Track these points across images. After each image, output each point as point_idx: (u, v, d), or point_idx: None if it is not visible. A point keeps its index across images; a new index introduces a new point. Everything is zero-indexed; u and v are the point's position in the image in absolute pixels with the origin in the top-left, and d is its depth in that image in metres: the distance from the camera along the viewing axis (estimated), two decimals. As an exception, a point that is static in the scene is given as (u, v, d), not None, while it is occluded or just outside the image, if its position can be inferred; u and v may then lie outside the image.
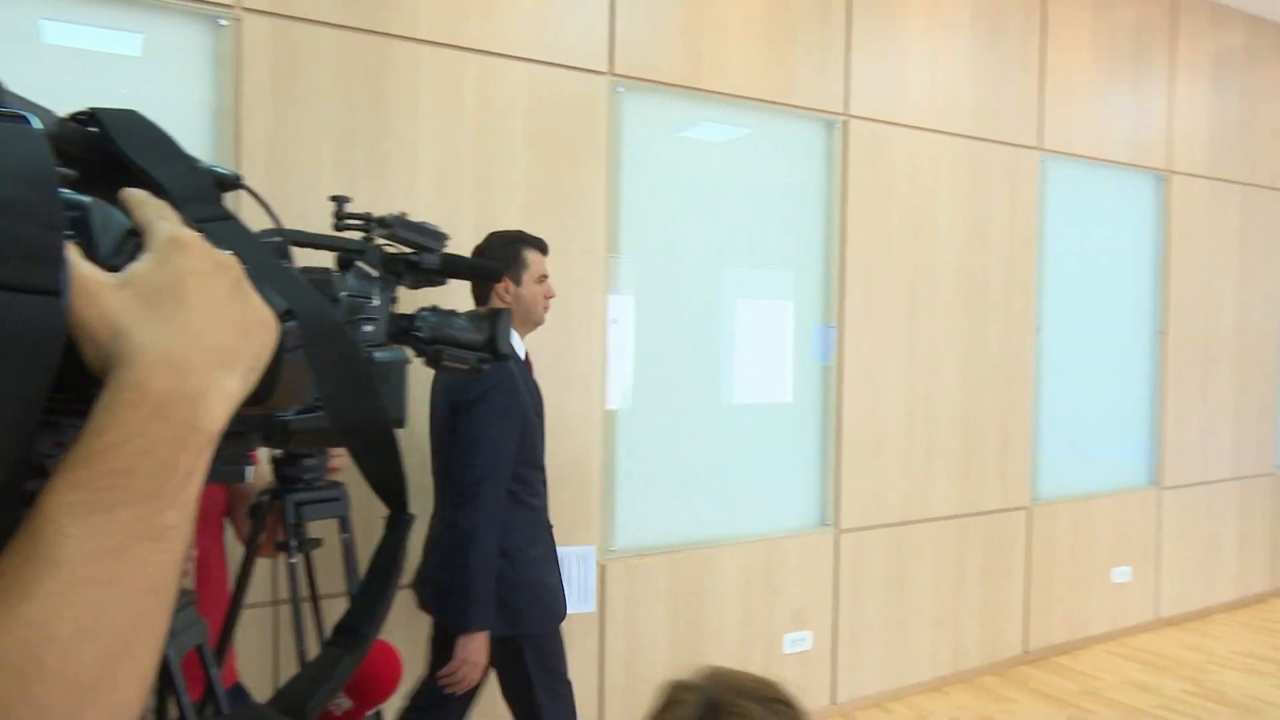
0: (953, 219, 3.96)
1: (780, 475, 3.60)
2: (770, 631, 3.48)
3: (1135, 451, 4.78)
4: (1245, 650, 4.50)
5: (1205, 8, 4.90)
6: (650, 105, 3.24)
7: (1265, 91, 5.24)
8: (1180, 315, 4.86)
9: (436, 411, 2.34)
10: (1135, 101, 4.62)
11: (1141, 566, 4.72)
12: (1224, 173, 5.04)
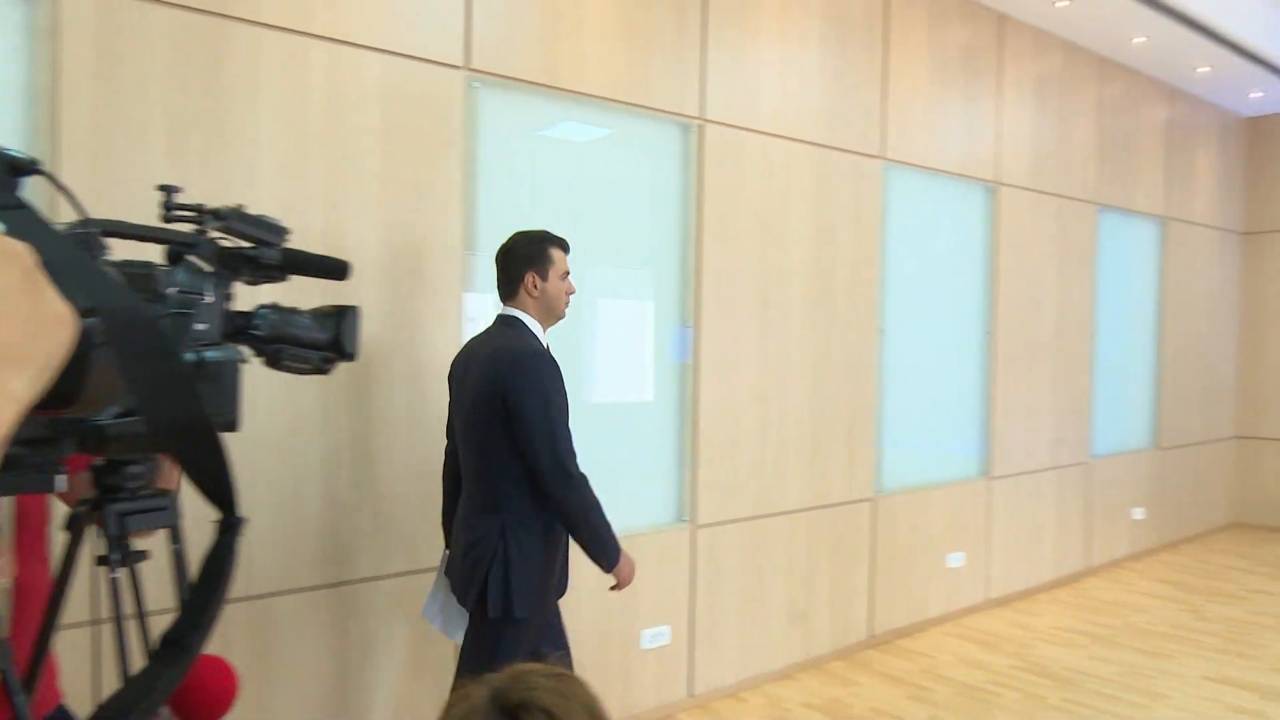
0: (803, 223, 4.11)
1: (639, 473, 3.64)
2: (628, 629, 3.52)
3: (968, 444, 5.11)
4: (1063, 625, 4.88)
5: (1028, 33, 5.29)
6: (509, 102, 3.21)
7: (1079, 112, 5.71)
8: (1007, 317, 5.23)
9: (468, 399, 2.39)
10: (967, 117, 4.93)
11: (973, 552, 5.05)
12: (1044, 185, 5.46)
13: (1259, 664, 4.31)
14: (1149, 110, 6.35)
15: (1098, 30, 5.41)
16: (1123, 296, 6.27)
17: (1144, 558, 6.41)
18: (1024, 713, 3.73)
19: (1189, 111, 6.79)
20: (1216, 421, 7.31)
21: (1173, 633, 4.77)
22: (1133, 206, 6.22)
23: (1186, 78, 6.39)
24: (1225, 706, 3.81)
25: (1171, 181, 6.62)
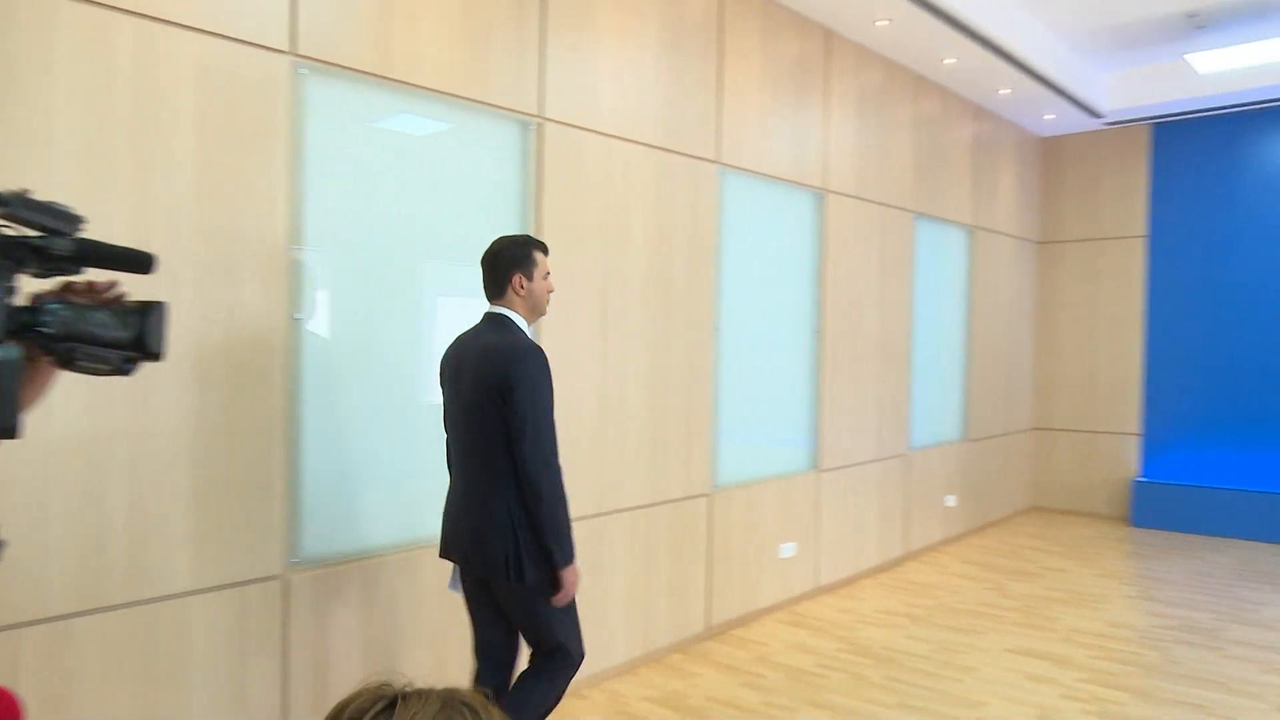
0: (643, 224, 4.17)
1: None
2: (468, 633, 3.45)
3: (799, 439, 5.34)
4: (885, 608, 5.19)
5: (852, 49, 5.59)
6: (340, 92, 3.08)
7: (898, 125, 6.09)
8: (834, 317, 5.50)
9: (469, 389, 2.61)
10: (797, 126, 5.15)
11: (804, 542, 5.29)
12: (867, 194, 5.78)
13: (1053, 635, 4.74)
14: (959, 127, 6.85)
15: (913, 50, 5.78)
16: (937, 299, 6.74)
17: (955, 542, 6.91)
18: (849, 692, 3.94)
19: (993, 129, 7.37)
20: (1017, 414, 7.99)
21: (980, 610, 5.17)
22: (945, 215, 6.69)
23: (990, 98, 6.93)
24: (1024, 675, 4.16)
25: (978, 193, 7.17)
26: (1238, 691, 3.99)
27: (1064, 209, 8.19)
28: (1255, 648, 4.57)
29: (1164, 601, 5.39)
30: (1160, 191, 7.71)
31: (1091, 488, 8.03)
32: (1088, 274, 8.07)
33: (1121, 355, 7.90)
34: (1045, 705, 3.82)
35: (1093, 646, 4.56)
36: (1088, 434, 8.05)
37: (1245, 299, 7.30)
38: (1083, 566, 6.20)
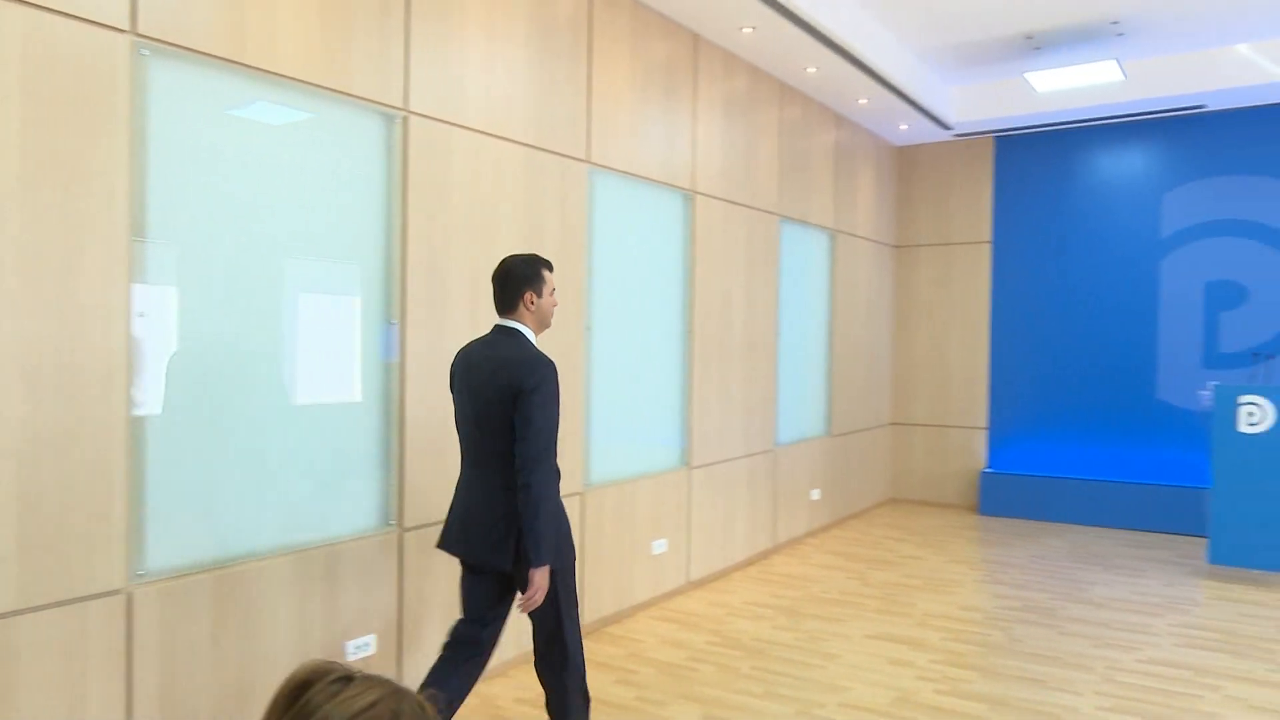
0: (512, 222, 4.13)
1: (344, 477, 3.46)
2: (331, 641, 3.34)
3: (670, 437, 5.41)
4: (754, 600, 5.32)
5: (719, 54, 5.72)
6: (189, 76, 2.91)
7: (764, 130, 6.26)
8: (703, 317, 5.60)
9: (483, 395, 2.83)
10: (666, 128, 5.23)
11: (675, 538, 5.36)
12: (734, 196, 5.92)
13: (910, 620, 4.97)
14: (821, 134, 7.11)
15: (777, 58, 5.96)
16: (801, 300, 6.97)
17: (820, 534, 7.16)
18: (719, 684, 4.01)
19: (852, 137, 7.69)
20: (876, 410, 8.35)
21: (843, 599, 5.37)
22: (808, 219, 6.93)
23: (850, 108, 7.23)
24: (883, 659, 4.35)
25: (839, 198, 7.46)
26: (1071, 665, 4.29)
27: (917, 215, 8.63)
28: (1087, 624, 4.93)
29: (1008, 584, 5.75)
30: (1003, 200, 8.23)
31: (944, 479, 8.49)
32: (939, 277, 8.53)
33: (970, 354, 8.38)
34: (903, 687, 4.00)
35: (945, 629, 4.81)
36: (940, 429, 8.50)
37: (1078, 301, 7.88)
38: (936, 554, 6.54)
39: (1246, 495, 5.79)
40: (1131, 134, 7.67)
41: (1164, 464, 7.49)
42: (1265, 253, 7.15)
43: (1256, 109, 7.16)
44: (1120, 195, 7.72)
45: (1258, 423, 5.75)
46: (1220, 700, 3.88)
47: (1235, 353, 7.23)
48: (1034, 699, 3.88)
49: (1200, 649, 4.53)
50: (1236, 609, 5.22)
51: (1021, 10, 5.90)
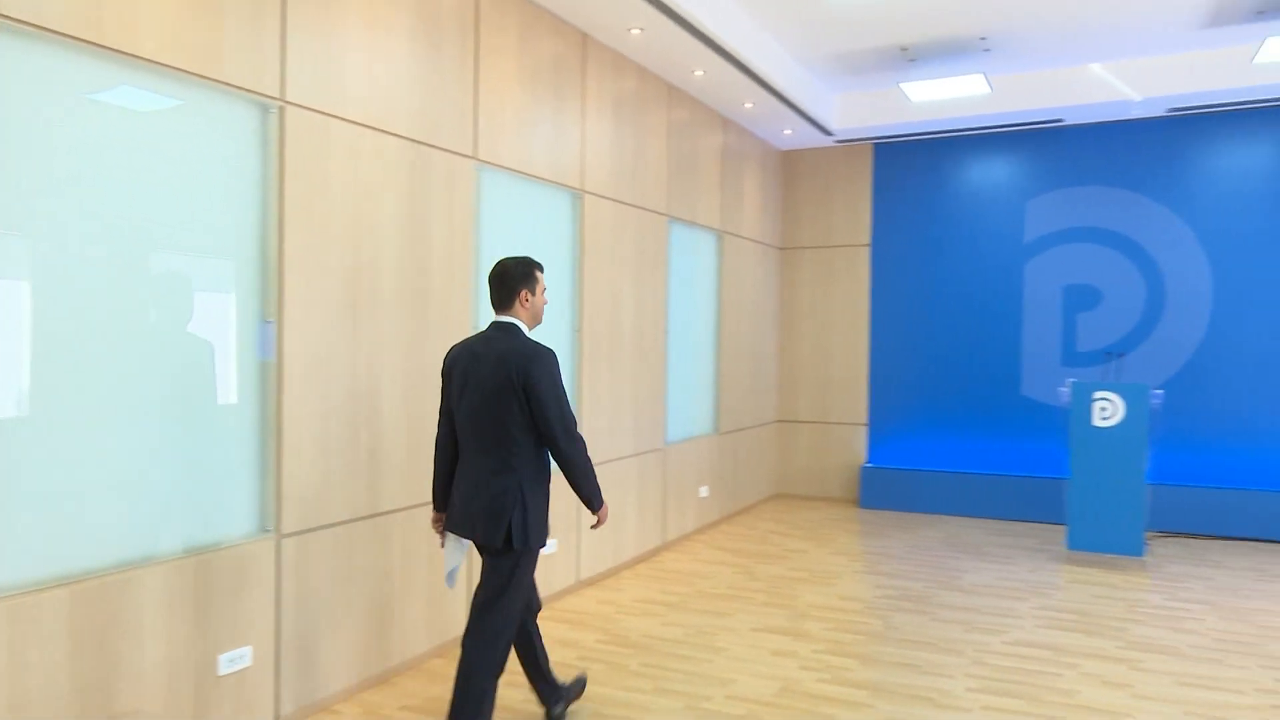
0: (396, 219, 4.04)
1: (218, 482, 3.31)
2: (203, 655, 3.18)
3: (559, 436, 5.38)
4: (644, 598, 5.36)
5: (608, 55, 5.73)
6: (41, 57, 2.72)
7: (652, 131, 6.32)
8: (592, 316, 5.61)
9: (489, 385, 3.08)
10: (555, 126, 5.21)
11: (566, 537, 5.34)
12: (623, 196, 5.95)
13: (793, 611, 5.11)
14: (708, 136, 7.23)
15: (666, 60, 6.03)
16: (689, 300, 7.06)
17: (708, 530, 7.28)
18: (608, 682, 4.03)
19: (739, 141, 7.84)
20: (762, 408, 8.55)
21: (730, 593, 5.47)
22: (696, 220, 7.03)
23: (736, 111, 7.37)
24: (768, 650, 4.46)
25: (726, 200, 7.59)
26: (944, 650, 4.50)
27: (801, 217, 8.88)
28: (959, 610, 5.18)
29: (886, 574, 5.98)
30: (881, 204, 8.55)
31: (827, 474, 8.76)
32: (822, 278, 8.80)
33: (851, 353, 8.68)
34: (787, 677, 4.11)
35: (827, 619, 4.97)
36: (824, 425, 8.77)
37: (950, 302, 8.26)
38: (820, 547, 6.74)
39: (1099, 485, 6.20)
40: (998, 144, 8.09)
41: (1029, 456, 7.94)
42: (1117, 258, 7.67)
43: (1108, 124, 7.67)
44: (988, 202, 8.13)
45: (1110, 417, 6.16)
46: (1077, 677, 4.13)
47: (1090, 351, 7.73)
48: (910, 683, 4.04)
49: (1060, 630, 4.82)
50: (1091, 591, 5.58)
51: (897, 23, 6.14)
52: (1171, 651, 4.48)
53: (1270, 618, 5.06)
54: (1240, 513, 7.08)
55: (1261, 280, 7.24)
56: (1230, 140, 7.35)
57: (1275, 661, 4.36)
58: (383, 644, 4.00)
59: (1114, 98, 7.06)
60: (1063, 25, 6.19)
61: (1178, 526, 7.23)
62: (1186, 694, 3.94)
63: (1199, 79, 6.80)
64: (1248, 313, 7.28)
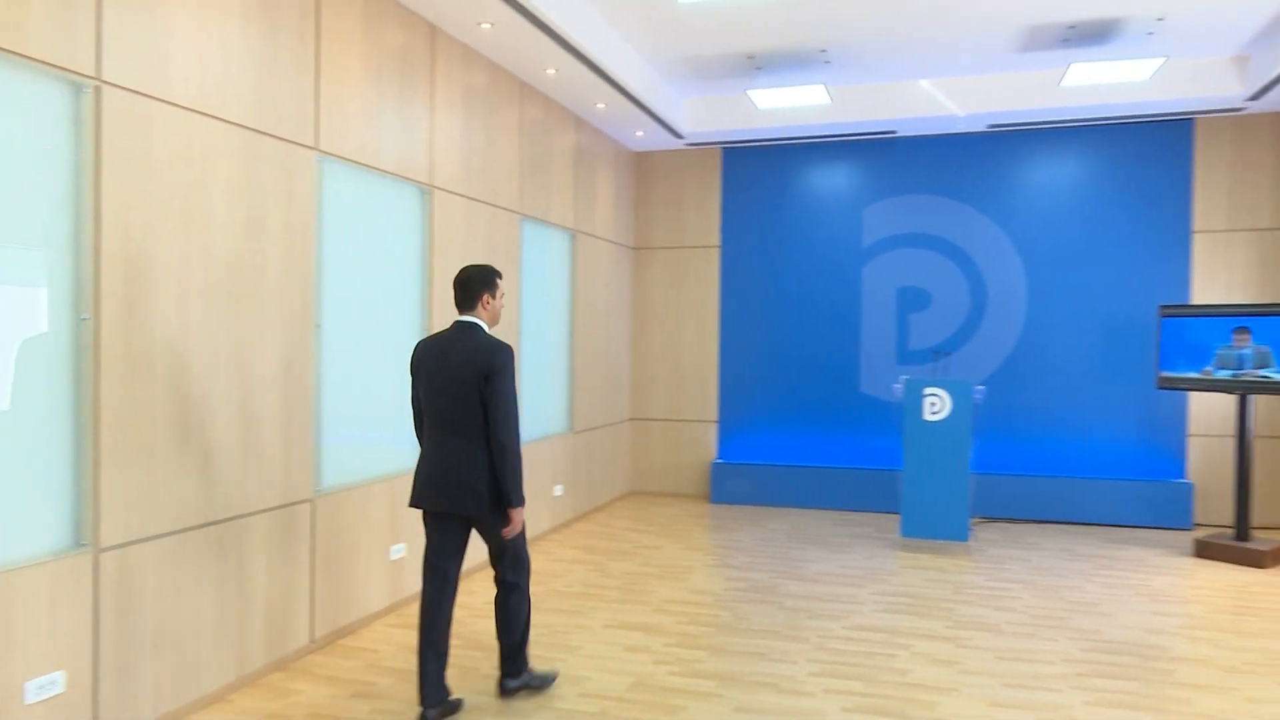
0: (228, 210, 3.82)
1: (20, 491, 3.02)
2: (7, 682, 2.91)
3: (402, 437, 5.24)
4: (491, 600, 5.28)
5: (459, 48, 5.63)
6: None
7: (505, 128, 6.25)
8: (443, 315, 5.49)
9: (459, 376, 3.52)
10: (403, 119, 5.06)
11: (414, 542, 5.21)
12: (474, 193, 5.86)
13: (647, 607, 5.18)
14: (561, 135, 7.22)
15: (517, 56, 5.98)
16: (542, 299, 7.03)
17: (563, 529, 7.27)
18: (461, 687, 3.95)
19: (592, 140, 7.88)
20: (616, 406, 8.62)
21: (584, 591, 5.49)
22: (549, 219, 7.01)
23: (589, 111, 7.40)
24: (621, 646, 4.50)
25: (579, 199, 7.61)
26: (789, 637, 4.67)
27: (654, 218, 9.01)
28: (803, 598, 5.39)
29: (735, 567, 6.15)
30: (730, 207, 8.79)
31: (680, 471, 8.93)
32: (674, 278, 8.96)
33: (702, 351, 8.88)
34: (640, 672, 4.16)
35: (679, 613, 5.06)
36: (676, 422, 8.93)
37: (795, 303, 8.59)
38: (673, 542, 6.86)
39: (929, 475, 6.60)
40: (839, 152, 8.48)
41: (868, 450, 8.36)
42: (944, 263, 8.19)
43: (937, 137, 8.18)
44: (830, 207, 8.51)
45: (939, 411, 6.57)
46: (910, 657, 4.39)
47: (921, 350, 8.22)
48: (758, 671, 4.17)
49: (895, 613, 5.10)
50: (923, 575, 5.93)
51: (744, 32, 6.33)
52: (993, 629, 4.82)
53: (1078, 594, 5.53)
54: (1053, 498, 7.71)
55: (1068, 285, 7.90)
56: (1042, 156, 7.99)
57: (1081, 634, 4.77)
58: (217, 661, 3.77)
59: (941, 112, 7.53)
60: (895, 42, 6.56)
61: (999, 512, 7.80)
62: (1005, 667, 4.26)
63: (1015, 98, 7.36)
64: (1057, 314, 7.93)
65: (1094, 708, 3.78)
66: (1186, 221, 7.63)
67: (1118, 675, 4.15)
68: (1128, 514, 7.53)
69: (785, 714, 3.70)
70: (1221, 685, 4.04)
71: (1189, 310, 6.71)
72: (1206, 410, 7.61)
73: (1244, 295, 7.52)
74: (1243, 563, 6.24)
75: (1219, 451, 7.56)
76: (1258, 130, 7.47)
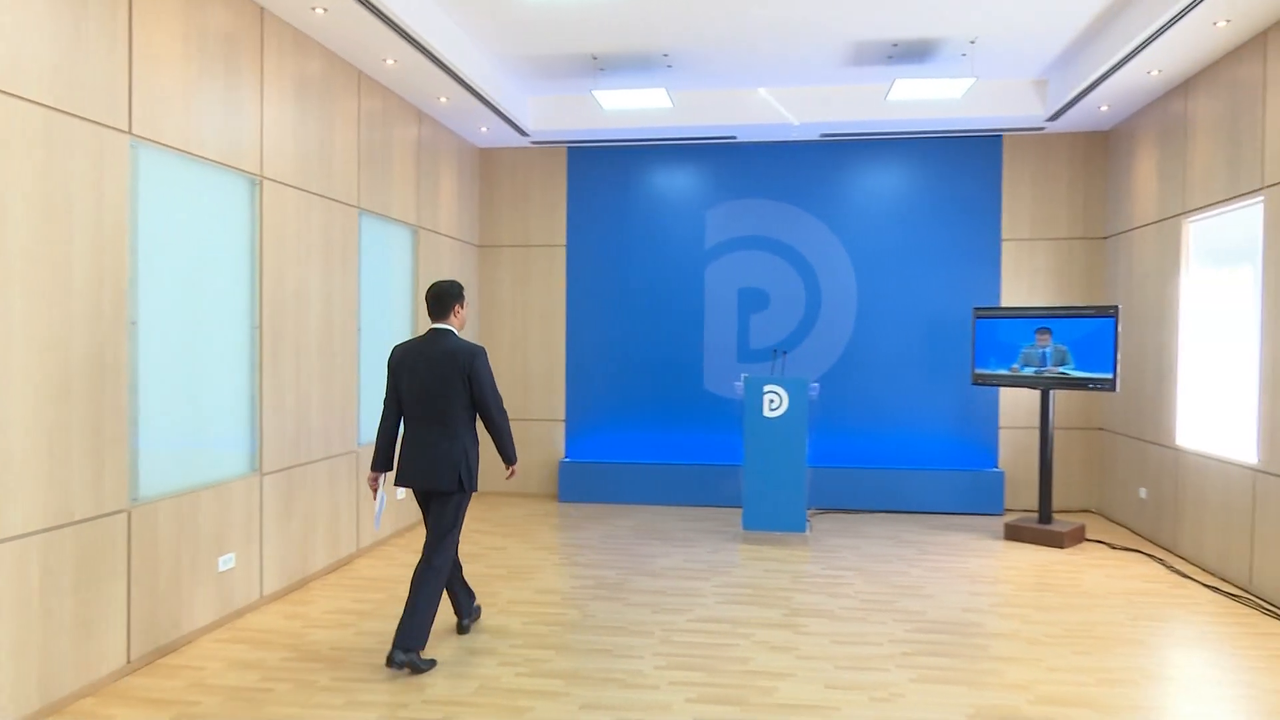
0: (28, 198, 3.49)
1: None
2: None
3: (239, 441, 4.96)
4: (336, 609, 5.09)
5: (290, 33, 5.37)
6: None
7: (342, 119, 6.02)
8: (275, 312, 5.23)
9: (441, 373, 4.22)
10: (229, 105, 4.78)
11: (246, 551, 4.94)
12: (309, 185, 5.61)
13: (493, 609, 5.11)
14: (403, 128, 7.02)
15: (353, 44, 5.76)
16: (384, 296, 6.81)
17: (407, 533, 7.07)
18: (296, 701, 3.78)
19: (435, 135, 7.70)
20: (462, 407, 8.44)
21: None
22: (390, 214, 6.80)
23: (431, 105, 7.23)
24: (466, 650, 4.42)
25: (422, 195, 7.42)
26: (635, 632, 4.73)
27: (499, 216, 8.91)
28: (649, 594, 5.48)
29: (583, 565, 6.17)
30: (576, 206, 8.82)
31: (527, 470, 8.87)
32: (520, 277, 8.89)
33: (549, 351, 8.86)
34: (485, 674, 4.10)
35: (526, 614, 5.03)
36: (524, 422, 8.87)
37: (641, 303, 8.71)
38: (519, 543, 6.80)
39: (769, 469, 6.85)
40: (682, 155, 8.66)
41: (711, 446, 8.58)
42: (782, 265, 8.52)
43: (775, 144, 8.50)
44: (673, 209, 8.68)
45: (777, 408, 6.83)
46: (751, 645, 4.54)
47: (760, 349, 8.52)
48: (605, 668, 4.21)
49: (737, 604, 5.26)
50: (763, 566, 6.15)
51: (588, 32, 6.36)
52: (827, 614, 5.06)
53: (903, 578, 5.89)
54: (882, 488, 8.17)
55: (894, 287, 8.40)
56: (871, 165, 8.45)
57: (906, 615, 5.07)
58: (18, 690, 3.43)
59: (778, 120, 7.83)
60: (734, 50, 6.76)
61: (834, 503, 8.20)
62: (838, 650, 4.47)
63: (845, 110, 7.75)
64: (885, 315, 8.41)
65: (918, 684, 4.04)
66: (997, 230, 8.26)
67: (939, 653, 4.44)
68: (948, 501, 8.09)
69: (631, 708, 3.74)
70: (1027, 657, 4.40)
71: (998, 312, 7.27)
72: (1014, 404, 8.27)
73: (1045, 298, 8.23)
74: (1045, 544, 6.82)
75: (1025, 442, 8.23)
76: (1057, 148, 8.19)
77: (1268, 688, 4.03)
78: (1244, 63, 5.68)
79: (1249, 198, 5.62)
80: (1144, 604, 5.29)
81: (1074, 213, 8.19)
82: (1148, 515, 7.06)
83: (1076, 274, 8.20)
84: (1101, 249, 8.16)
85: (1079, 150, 8.16)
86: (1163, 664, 4.33)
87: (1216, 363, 6.14)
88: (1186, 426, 6.52)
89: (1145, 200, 7.21)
